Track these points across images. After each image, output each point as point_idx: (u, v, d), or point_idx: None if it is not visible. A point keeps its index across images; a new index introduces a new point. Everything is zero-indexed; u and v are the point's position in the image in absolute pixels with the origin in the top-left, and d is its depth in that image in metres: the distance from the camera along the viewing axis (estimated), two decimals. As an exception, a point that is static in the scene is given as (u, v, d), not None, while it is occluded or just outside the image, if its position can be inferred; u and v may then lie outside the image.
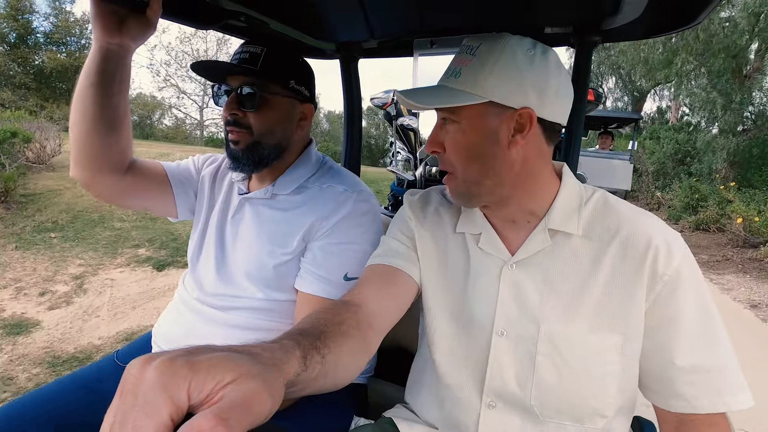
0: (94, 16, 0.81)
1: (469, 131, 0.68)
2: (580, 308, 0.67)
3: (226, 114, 0.93)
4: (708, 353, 0.63)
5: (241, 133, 0.93)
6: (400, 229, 0.84)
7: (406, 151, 4.42)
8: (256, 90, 0.92)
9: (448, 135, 0.70)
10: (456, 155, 0.70)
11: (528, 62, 0.66)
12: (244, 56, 0.93)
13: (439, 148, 0.72)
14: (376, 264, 0.80)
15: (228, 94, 0.94)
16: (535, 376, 0.68)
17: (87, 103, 0.86)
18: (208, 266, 1.00)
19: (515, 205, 0.73)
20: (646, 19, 0.92)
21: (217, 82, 0.96)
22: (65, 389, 0.93)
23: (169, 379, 0.30)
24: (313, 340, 0.49)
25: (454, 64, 0.70)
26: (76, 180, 0.95)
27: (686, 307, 0.64)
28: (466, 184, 0.71)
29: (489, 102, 0.65)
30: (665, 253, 0.65)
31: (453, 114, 0.68)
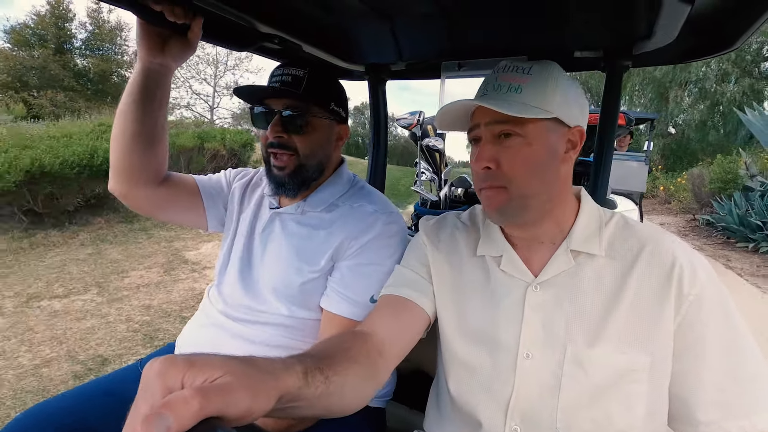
0: (140, 37, 0.86)
1: (536, 145, 0.68)
2: (606, 329, 0.66)
3: (271, 136, 0.94)
4: (738, 374, 0.62)
5: (287, 155, 0.95)
6: (415, 257, 0.85)
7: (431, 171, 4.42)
8: (302, 113, 0.94)
9: (509, 149, 0.69)
10: (519, 168, 0.69)
11: (574, 86, 0.71)
12: (287, 78, 0.95)
13: (493, 163, 0.70)
14: (388, 294, 0.80)
15: (270, 116, 0.95)
16: (561, 399, 0.67)
17: (129, 119, 0.90)
18: (234, 279, 1.01)
19: (549, 223, 0.73)
20: (680, 43, 0.90)
21: (258, 104, 0.97)
22: (89, 395, 0.95)
23: (167, 369, 0.36)
24: (317, 362, 0.51)
25: (509, 80, 0.70)
26: (114, 193, 1.00)
27: (713, 327, 0.63)
28: (521, 198, 0.70)
29: (553, 118, 0.68)
30: (690, 272, 0.65)
31: (518, 127, 0.68)
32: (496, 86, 0.71)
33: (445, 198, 3.96)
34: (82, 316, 3.16)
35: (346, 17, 1.00)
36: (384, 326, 0.71)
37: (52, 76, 19.79)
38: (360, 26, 1.06)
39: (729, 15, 0.83)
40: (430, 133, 4.21)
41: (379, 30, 1.07)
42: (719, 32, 0.90)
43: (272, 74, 0.98)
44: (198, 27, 0.87)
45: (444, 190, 4.05)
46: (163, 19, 0.81)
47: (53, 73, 19.83)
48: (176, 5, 0.81)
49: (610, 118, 1.12)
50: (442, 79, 1.26)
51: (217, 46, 1.07)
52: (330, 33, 1.11)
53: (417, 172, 4.42)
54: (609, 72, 1.09)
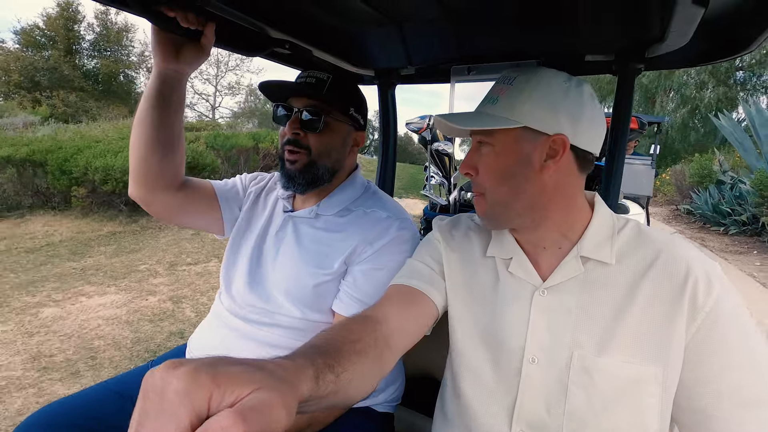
0: (155, 44, 0.88)
1: (503, 154, 0.70)
2: (615, 337, 0.65)
3: (288, 132, 0.97)
4: (757, 388, 0.60)
5: (300, 153, 0.97)
6: (428, 253, 0.84)
7: (441, 176, 4.42)
8: (320, 113, 0.96)
9: (482, 158, 0.73)
10: (487, 176, 0.72)
11: (563, 92, 0.69)
12: (310, 80, 0.98)
13: (473, 170, 0.74)
14: (399, 284, 0.80)
15: (290, 114, 0.98)
16: (567, 406, 0.66)
17: (146, 125, 0.92)
18: (246, 282, 1.01)
19: (546, 229, 0.73)
20: (694, 46, 0.89)
21: (280, 102, 1.01)
22: (100, 396, 0.96)
23: (192, 389, 0.32)
24: (327, 359, 0.50)
25: (492, 93, 0.74)
26: (134, 198, 1.01)
27: (730, 340, 0.61)
28: (495, 205, 0.73)
29: (524, 127, 0.68)
30: (705, 283, 0.63)
31: (488, 137, 0.71)
32: (486, 99, 0.75)
33: (454, 202, 3.95)
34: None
35: (357, 23, 1.01)
36: (393, 315, 0.70)
37: (62, 77, 20.72)
38: (370, 32, 1.07)
39: (743, 18, 0.82)
40: (440, 138, 4.21)
41: (388, 35, 1.07)
42: (733, 35, 0.89)
43: (298, 77, 1.01)
44: (211, 33, 0.89)
45: (453, 194, 4.04)
46: (176, 26, 0.83)
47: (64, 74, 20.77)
48: (189, 12, 0.82)
49: (622, 122, 1.11)
50: (452, 83, 1.26)
51: (229, 51, 1.08)
52: (340, 38, 1.11)
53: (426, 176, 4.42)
54: (621, 75, 1.08)
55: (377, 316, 0.68)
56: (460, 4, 0.86)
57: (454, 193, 4.07)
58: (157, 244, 5.20)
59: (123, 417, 0.92)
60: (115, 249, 4.96)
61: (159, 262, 4.53)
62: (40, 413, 0.90)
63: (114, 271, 4.18)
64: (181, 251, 4.91)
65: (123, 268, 4.29)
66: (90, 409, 0.93)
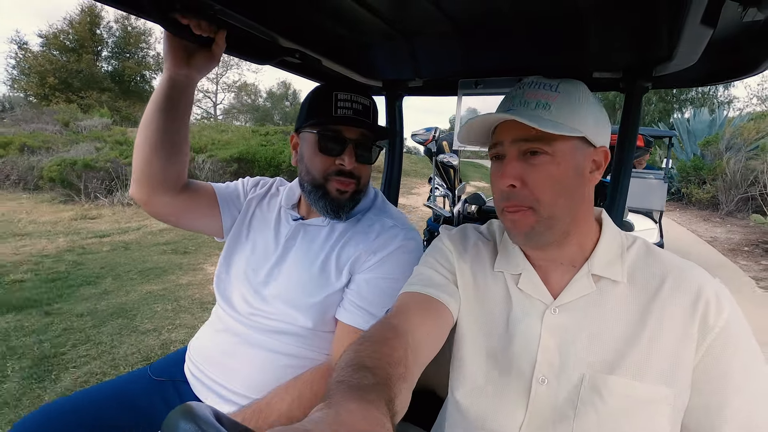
0: (167, 49, 0.89)
1: (563, 164, 0.66)
2: (626, 357, 0.64)
3: (349, 166, 0.95)
4: (762, 412, 0.60)
5: (351, 183, 0.97)
6: (439, 262, 0.81)
7: (445, 187, 4.42)
8: (374, 144, 0.97)
9: (536, 167, 0.66)
10: (543, 188, 0.66)
11: (600, 106, 0.70)
12: (358, 107, 0.96)
13: (518, 181, 0.66)
14: (415, 292, 0.75)
15: (341, 144, 0.95)
16: (576, 425, 0.64)
17: (153, 128, 0.93)
18: (251, 288, 1.01)
19: (571, 245, 0.71)
20: (701, 66, 0.89)
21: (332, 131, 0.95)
22: (98, 398, 0.96)
23: None
24: (388, 391, 0.46)
25: (538, 97, 0.67)
26: (135, 199, 1.02)
27: (738, 362, 0.61)
28: (549, 219, 0.67)
29: (581, 137, 0.66)
30: (715, 304, 0.62)
31: (546, 145, 0.65)
32: (524, 102, 0.68)
33: (458, 214, 3.94)
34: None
35: (366, 35, 1.02)
36: (417, 326, 0.66)
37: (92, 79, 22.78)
38: (379, 44, 1.08)
39: (751, 40, 0.83)
40: (445, 149, 4.22)
41: (397, 48, 1.09)
42: (741, 57, 0.89)
43: (338, 98, 0.95)
44: (222, 40, 0.90)
45: (458, 206, 4.03)
46: (189, 33, 0.84)
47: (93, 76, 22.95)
48: (202, 19, 0.84)
49: (628, 139, 1.11)
50: (459, 96, 1.27)
51: (240, 59, 1.10)
52: (350, 49, 1.13)
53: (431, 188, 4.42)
54: (628, 93, 1.09)
55: (404, 327, 0.64)
56: (469, 20, 0.87)
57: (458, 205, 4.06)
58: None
59: (119, 421, 0.92)
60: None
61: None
62: (34, 415, 0.90)
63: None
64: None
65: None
66: (86, 411, 0.92)
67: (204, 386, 0.96)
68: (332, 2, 0.87)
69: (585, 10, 0.78)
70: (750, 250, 6.29)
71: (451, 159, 4.18)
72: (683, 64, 0.88)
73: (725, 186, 9.49)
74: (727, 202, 9.40)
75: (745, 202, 9.21)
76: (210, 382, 0.96)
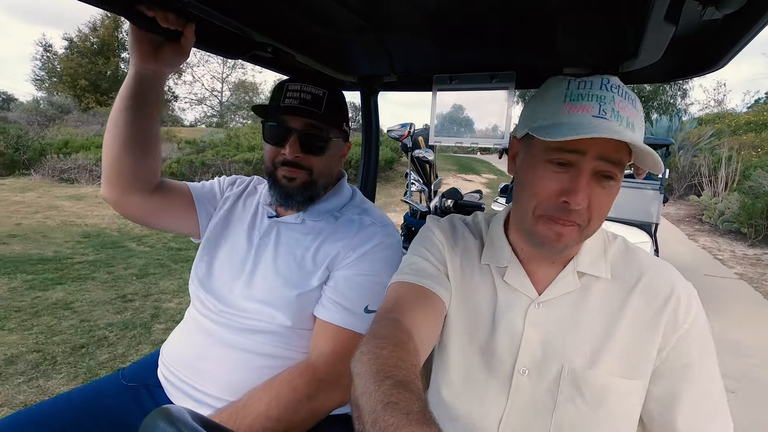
0: (133, 43, 0.86)
1: (617, 189, 0.64)
2: (604, 351, 0.66)
3: (290, 156, 0.94)
4: (712, 402, 0.65)
5: (298, 172, 0.95)
6: (430, 252, 0.80)
7: (421, 182, 4.45)
8: (321, 135, 0.95)
9: (605, 190, 0.63)
10: (603, 213, 0.64)
11: None
12: (306, 97, 0.95)
13: (588, 199, 0.62)
14: (411, 283, 0.73)
15: (286, 133, 0.94)
16: (555, 417, 0.67)
17: (121, 126, 0.90)
18: (227, 287, 0.99)
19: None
20: (666, 63, 0.93)
21: (274, 120, 0.96)
22: (69, 405, 0.92)
23: None
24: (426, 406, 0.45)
25: (626, 113, 0.62)
26: (106, 200, 0.98)
27: (698, 358, 0.65)
28: (588, 236, 0.67)
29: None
30: (686, 303, 0.66)
31: (618, 170, 0.62)
32: (617, 116, 0.61)
33: (435, 209, 3.98)
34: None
35: (340, 29, 1.01)
36: (419, 321, 0.65)
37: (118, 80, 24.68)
38: (354, 38, 1.07)
39: (713, 37, 0.86)
40: (421, 145, 4.24)
41: (372, 43, 1.08)
42: (704, 53, 0.93)
43: (288, 89, 0.96)
44: (191, 33, 0.87)
45: (434, 201, 4.07)
46: (156, 25, 0.81)
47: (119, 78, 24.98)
48: (169, 12, 0.81)
49: None
50: (434, 91, 1.28)
51: (210, 53, 1.07)
52: (323, 44, 1.11)
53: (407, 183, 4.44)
54: None
55: (410, 323, 0.62)
56: (443, 15, 0.87)
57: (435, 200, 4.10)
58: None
59: (90, 427, 0.89)
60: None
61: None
62: (2, 423, 0.86)
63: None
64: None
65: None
66: (56, 418, 0.89)
67: (178, 390, 0.94)
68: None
69: (555, 8, 0.80)
70: (689, 220, 9.60)
71: (426, 154, 4.21)
72: (648, 61, 0.91)
73: (677, 176, 12.71)
74: (678, 189, 12.64)
75: (690, 189, 12.35)
76: (184, 386, 0.94)
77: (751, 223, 7.34)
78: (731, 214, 7.98)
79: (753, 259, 6.16)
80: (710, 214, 8.87)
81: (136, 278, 4.09)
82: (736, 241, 7.42)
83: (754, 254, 6.47)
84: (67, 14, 64.31)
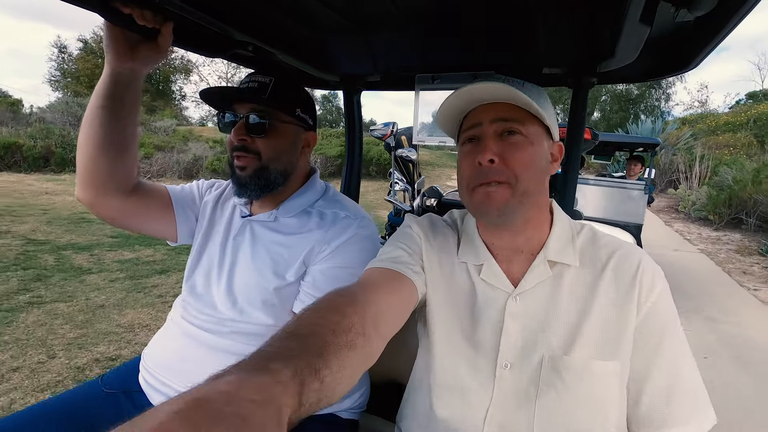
0: (108, 41, 0.83)
1: (536, 145, 0.70)
2: (580, 336, 0.68)
3: (235, 140, 0.94)
4: (680, 377, 0.67)
5: (249, 158, 0.95)
6: (408, 244, 0.81)
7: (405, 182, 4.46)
8: (266, 117, 0.94)
9: (515, 145, 0.69)
10: (524, 164, 0.69)
11: (553, 109, 0.74)
12: (253, 85, 0.95)
13: (498, 158, 0.68)
14: (382, 268, 0.75)
15: (235, 121, 0.95)
16: (538, 405, 0.68)
17: (96, 125, 0.87)
18: (206, 289, 0.98)
19: (529, 230, 0.75)
20: (641, 63, 0.95)
21: (224, 109, 0.97)
22: (48, 414, 0.90)
23: None
24: (312, 360, 0.42)
25: (506, 81, 0.70)
26: (81, 201, 0.95)
27: (663, 333, 0.68)
28: (523, 195, 0.69)
29: (545, 126, 0.73)
30: (650, 280, 0.69)
31: (522, 126, 0.70)
32: (495, 78, 0.71)
33: (418, 208, 4.00)
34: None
35: (323, 28, 1.00)
36: (382, 297, 0.65)
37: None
38: (336, 38, 1.07)
39: (685, 38, 0.89)
40: (404, 144, 4.25)
41: (354, 42, 1.08)
42: (677, 54, 0.96)
43: (241, 82, 0.99)
44: (168, 32, 0.86)
45: (417, 200, 4.09)
46: (132, 23, 0.79)
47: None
48: (146, 9, 0.79)
49: (576, 131, 1.16)
50: (417, 90, 1.28)
51: (189, 51, 1.05)
52: (306, 43, 1.11)
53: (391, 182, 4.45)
54: (575, 88, 1.14)
55: (366, 297, 0.61)
56: (425, 15, 0.88)
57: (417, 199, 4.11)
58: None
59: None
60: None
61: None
62: None
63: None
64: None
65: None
66: (36, 428, 0.86)
67: (161, 395, 0.92)
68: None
69: (534, 9, 0.81)
70: (668, 210, 11.29)
71: (409, 153, 4.22)
72: (624, 61, 0.93)
73: (659, 173, 14.29)
74: (660, 184, 14.21)
75: (669, 183, 14.11)
76: (167, 390, 0.92)
77: (716, 212, 8.85)
78: (701, 204, 9.54)
79: (714, 239, 7.77)
80: (684, 205, 10.50)
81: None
82: (703, 226, 8.97)
83: (716, 236, 8.08)
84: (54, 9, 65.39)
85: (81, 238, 5.27)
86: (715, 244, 7.33)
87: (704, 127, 17.53)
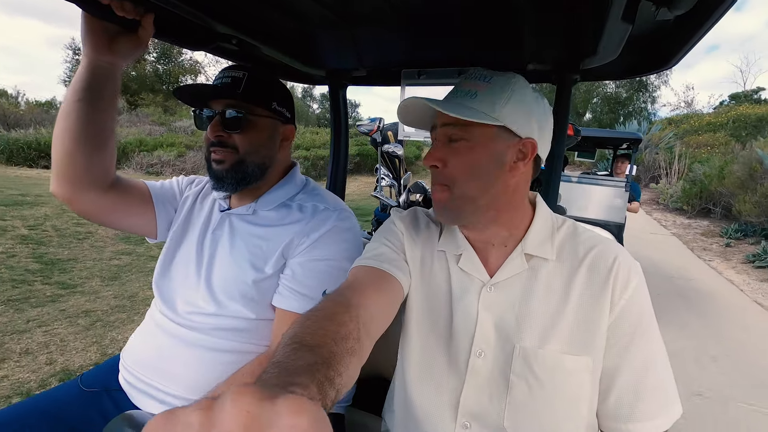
0: (85, 32, 0.81)
1: (478, 149, 0.70)
2: (553, 330, 0.69)
3: (211, 136, 0.94)
4: (651, 374, 0.67)
5: (226, 152, 0.94)
6: (390, 240, 0.82)
7: (391, 177, 4.46)
8: (241, 112, 0.93)
9: (454, 151, 0.72)
10: (459, 170, 0.71)
11: (535, 100, 0.72)
12: (227, 81, 0.94)
13: (440, 162, 0.72)
14: (368, 267, 0.76)
15: (211, 117, 0.94)
16: (509, 397, 0.69)
17: (73, 119, 0.85)
18: (184, 284, 0.97)
19: (495, 228, 0.75)
20: (623, 60, 0.97)
21: (199, 107, 0.96)
22: (26, 414, 0.88)
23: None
24: (328, 371, 0.43)
25: (468, 86, 0.72)
26: (57, 196, 0.93)
27: (636, 329, 0.68)
28: (461, 199, 0.72)
29: (501, 126, 0.69)
30: (625, 276, 0.69)
31: (464, 131, 0.70)
32: (458, 91, 0.73)
33: (404, 203, 4.00)
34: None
35: (308, 22, 0.99)
36: (371, 300, 0.66)
37: (144, 82, 25.89)
38: (322, 32, 1.06)
39: (666, 36, 0.91)
40: (390, 140, 4.24)
41: (341, 36, 1.07)
42: (658, 51, 0.98)
43: (215, 78, 0.98)
44: (149, 24, 0.83)
45: (403, 196, 4.09)
46: (111, 14, 0.77)
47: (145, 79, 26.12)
48: (126, 0, 0.77)
49: (559, 127, 1.18)
50: (403, 86, 1.28)
51: (171, 44, 1.03)
52: (291, 36, 1.09)
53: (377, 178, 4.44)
54: (559, 84, 1.15)
55: (357, 301, 0.63)
56: (411, 10, 0.88)
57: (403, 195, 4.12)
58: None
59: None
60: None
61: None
62: None
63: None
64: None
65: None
66: (14, 429, 0.84)
67: (141, 392, 0.91)
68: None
69: (519, 7, 0.82)
70: (649, 202, 12.53)
71: (396, 149, 4.22)
72: (607, 58, 0.95)
73: (644, 169, 15.50)
74: (644, 179, 15.23)
75: (652, 179, 15.08)
76: (147, 388, 0.91)
77: (689, 203, 10.43)
78: (677, 196, 11.13)
79: (686, 225, 9.36)
80: (664, 197, 12.02)
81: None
82: (679, 215, 10.60)
83: (687, 222, 9.68)
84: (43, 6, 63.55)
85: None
86: (686, 229, 8.90)
87: (688, 127, 18.24)
